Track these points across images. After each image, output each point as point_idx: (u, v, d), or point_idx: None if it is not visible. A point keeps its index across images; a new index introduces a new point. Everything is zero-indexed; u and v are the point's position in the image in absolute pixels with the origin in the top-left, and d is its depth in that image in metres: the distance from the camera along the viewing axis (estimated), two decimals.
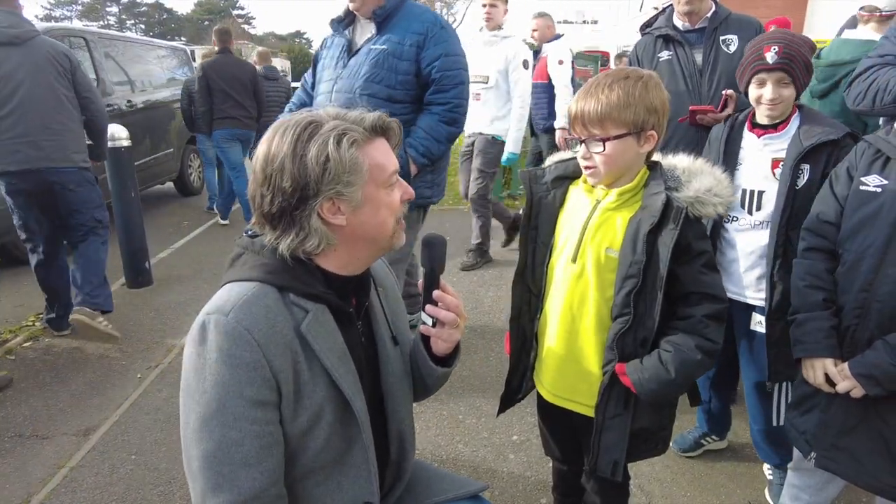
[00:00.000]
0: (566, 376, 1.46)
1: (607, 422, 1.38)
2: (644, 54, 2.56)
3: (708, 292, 1.30)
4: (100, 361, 3.18)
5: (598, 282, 1.35)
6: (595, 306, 1.37)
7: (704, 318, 1.29)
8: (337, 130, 0.97)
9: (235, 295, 0.97)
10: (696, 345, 1.27)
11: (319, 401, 1.01)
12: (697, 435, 2.34)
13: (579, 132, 1.33)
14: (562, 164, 1.48)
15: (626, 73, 1.31)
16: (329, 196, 0.97)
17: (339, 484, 1.07)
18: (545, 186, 1.48)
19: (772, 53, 1.70)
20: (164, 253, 5.18)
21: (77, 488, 2.21)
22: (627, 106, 1.26)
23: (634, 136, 1.29)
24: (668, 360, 1.28)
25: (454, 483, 1.30)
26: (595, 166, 1.32)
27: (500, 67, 4.17)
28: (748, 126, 1.87)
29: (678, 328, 1.31)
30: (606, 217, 1.35)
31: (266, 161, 0.98)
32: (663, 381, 1.28)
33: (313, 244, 0.99)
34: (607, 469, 1.41)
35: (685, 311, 1.32)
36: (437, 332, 1.16)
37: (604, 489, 1.56)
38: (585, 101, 1.30)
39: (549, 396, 1.51)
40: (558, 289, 1.43)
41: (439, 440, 2.47)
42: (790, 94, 1.74)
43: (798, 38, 1.74)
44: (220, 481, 0.93)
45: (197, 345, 0.95)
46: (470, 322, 3.59)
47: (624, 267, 1.30)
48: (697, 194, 1.29)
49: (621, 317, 1.31)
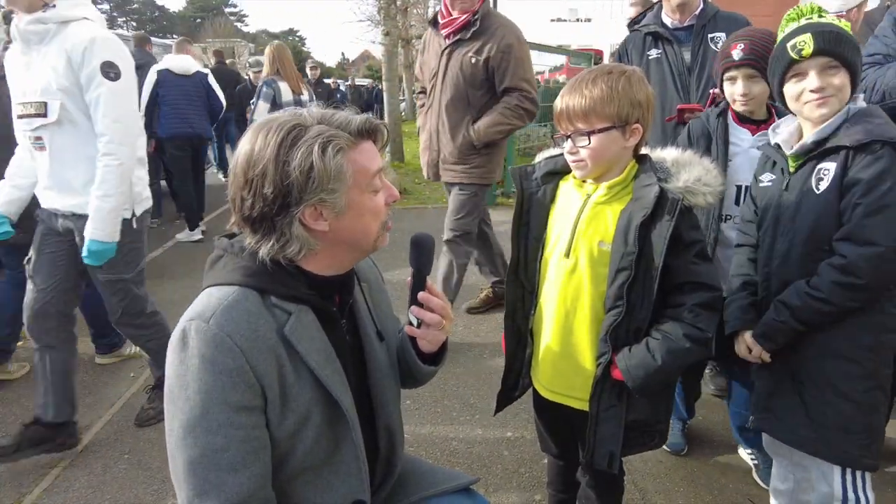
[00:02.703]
0: (562, 372, 1.46)
1: (602, 413, 1.39)
2: (633, 51, 2.56)
3: (700, 281, 1.31)
4: (92, 361, 3.16)
5: (592, 276, 1.36)
6: (589, 300, 1.38)
7: (695, 307, 1.29)
8: (322, 137, 0.94)
9: (216, 300, 0.96)
10: (685, 333, 1.28)
11: (306, 402, 1.00)
12: (679, 428, 2.36)
13: (564, 127, 1.35)
14: (551, 160, 1.49)
15: (610, 68, 1.34)
16: (312, 203, 0.96)
17: (330, 483, 1.07)
18: (535, 182, 1.49)
19: (737, 51, 1.77)
20: (155, 252, 5.15)
21: (69, 488, 2.19)
22: (611, 100, 1.28)
23: (619, 129, 1.31)
24: (656, 347, 1.29)
25: (445, 476, 1.30)
26: (582, 160, 1.33)
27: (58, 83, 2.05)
28: (736, 121, 1.92)
29: (668, 316, 1.33)
30: (597, 211, 1.37)
31: (248, 164, 0.95)
32: (650, 369, 1.29)
33: (294, 250, 0.98)
34: (603, 461, 1.41)
35: (676, 300, 1.33)
36: (421, 333, 1.15)
37: (599, 483, 1.57)
38: (570, 97, 1.32)
39: (545, 392, 1.52)
40: (552, 284, 1.44)
41: (433, 437, 2.47)
42: (761, 89, 1.80)
43: (765, 35, 1.79)
44: (206, 487, 0.92)
45: (178, 352, 0.94)
46: (464, 319, 3.59)
47: (616, 259, 1.31)
48: (687, 184, 1.31)
49: (614, 309, 1.32)
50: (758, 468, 2.18)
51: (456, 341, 3.23)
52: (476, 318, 3.62)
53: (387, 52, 9.00)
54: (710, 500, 2.09)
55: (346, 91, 16.72)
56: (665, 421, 1.49)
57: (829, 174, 1.41)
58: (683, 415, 2.35)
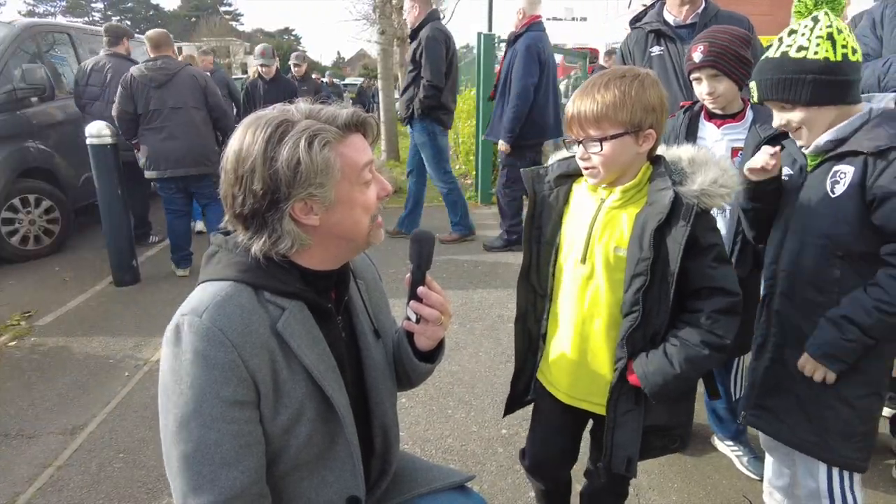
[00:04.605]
0: (581, 378, 1.43)
1: (619, 418, 1.36)
2: (636, 48, 2.57)
3: (718, 286, 1.27)
4: (87, 360, 3.16)
5: (609, 282, 1.34)
6: (607, 307, 1.35)
7: (713, 314, 1.26)
8: (309, 131, 0.94)
9: (209, 295, 0.96)
10: (702, 340, 1.26)
11: (300, 398, 1.01)
12: None
13: (576, 133, 1.31)
14: (564, 162, 1.45)
15: (623, 71, 1.29)
16: (301, 198, 0.96)
17: (324, 479, 1.07)
18: (548, 185, 1.45)
19: (698, 53, 1.82)
20: (151, 251, 5.14)
21: (64, 487, 2.19)
22: (623, 105, 1.24)
23: (632, 135, 1.27)
24: (673, 354, 1.27)
25: (441, 474, 1.30)
26: (594, 166, 1.30)
27: None
28: (705, 117, 1.96)
29: (686, 322, 1.30)
30: (612, 216, 1.34)
31: (237, 161, 0.96)
32: (668, 376, 1.26)
33: (286, 245, 0.98)
34: (621, 466, 1.38)
35: (694, 305, 1.30)
36: (420, 328, 1.15)
37: (605, 489, 1.59)
38: (582, 102, 1.28)
39: (564, 398, 1.48)
40: (568, 290, 1.41)
41: (428, 435, 2.47)
42: (727, 87, 1.83)
43: (726, 33, 1.83)
44: (200, 482, 0.93)
45: (172, 346, 0.95)
46: (459, 317, 3.60)
47: (632, 265, 1.28)
48: (703, 187, 1.26)
49: (630, 314, 1.30)
50: (740, 458, 2.23)
51: (451, 340, 3.23)
52: (472, 318, 3.63)
53: (382, 50, 9.00)
54: (704, 495, 2.11)
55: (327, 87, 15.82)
56: (686, 425, 1.46)
57: (846, 178, 1.35)
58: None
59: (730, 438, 2.27)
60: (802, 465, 1.56)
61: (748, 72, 1.85)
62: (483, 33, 6.25)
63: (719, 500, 2.09)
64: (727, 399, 2.18)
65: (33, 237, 4.88)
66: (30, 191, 4.81)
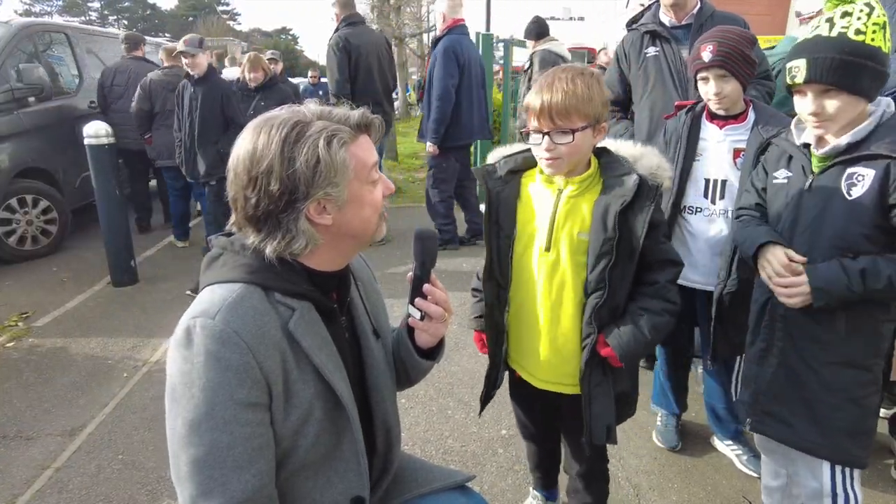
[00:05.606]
0: (552, 362, 1.51)
1: (594, 390, 1.45)
2: (631, 49, 2.58)
3: (669, 258, 1.44)
4: (85, 361, 3.15)
5: (573, 265, 1.42)
6: (573, 290, 1.43)
7: (668, 283, 1.43)
8: (327, 131, 0.95)
9: (220, 297, 0.95)
10: (663, 308, 1.41)
11: (309, 398, 1.01)
12: (674, 424, 2.39)
13: (544, 125, 1.34)
14: (510, 159, 1.52)
15: (580, 69, 1.38)
16: (317, 198, 0.96)
17: (329, 479, 1.07)
18: (500, 181, 1.51)
19: (707, 52, 1.80)
20: (149, 251, 5.13)
21: (63, 489, 2.18)
22: (590, 99, 1.33)
23: (592, 128, 1.36)
24: (643, 323, 1.39)
25: (441, 474, 1.30)
26: (559, 157, 1.36)
27: None
28: (707, 117, 1.95)
29: (646, 294, 1.43)
30: (572, 204, 1.42)
31: (252, 162, 0.95)
32: (640, 343, 1.39)
33: (300, 245, 0.98)
34: (602, 435, 1.47)
35: (651, 277, 1.43)
36: (424, 325, 1.17)
37: (587, 475, 1.67)
38: (551, 94, 1.32)
39: (537, 383, 1.56)
40: (535, 279, 1.47)
41: (429, 435, 2.47)
42: (733, 88, 1.83)
43: (734, 34, 1.81)
44: (211, 486, 0.92)
45: (183, 349, 0.93)
46: (459, 318, 3.59)
47: (596, 246, 1.38)
48: (651, 171, 1.40)
49: (596, 291, 1.39)
50: (739, 457, 2.24)
51: (451, 340, 3.23)
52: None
53: None
54: (704, 496, 2.11)
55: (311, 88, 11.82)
56: (637, 390, 1.61)
57: (865, 181, 1.34)
58: (675, 409, 2.37)
59: (729, 438, 2.28)
60: (804, 466, 1.56)
61: (753, 73, 1.86)
62: (482, 33, 6.25)
63: (719, 500, 2.09)
64: (726, 399, 2.19)
65: (31, 238, 4.87)
66: (27, 191, 4.79)
